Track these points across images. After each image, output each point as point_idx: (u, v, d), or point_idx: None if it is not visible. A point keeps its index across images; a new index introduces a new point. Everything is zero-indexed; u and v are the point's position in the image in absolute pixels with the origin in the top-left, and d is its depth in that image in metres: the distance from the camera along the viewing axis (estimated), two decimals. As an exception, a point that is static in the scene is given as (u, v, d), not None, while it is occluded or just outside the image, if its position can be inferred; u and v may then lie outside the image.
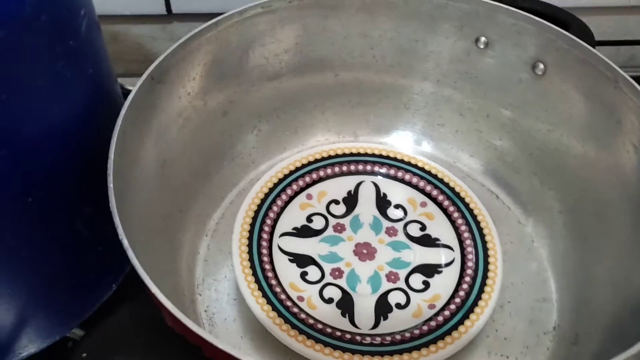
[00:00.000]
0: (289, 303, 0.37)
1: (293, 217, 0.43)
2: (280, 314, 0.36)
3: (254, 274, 0.38)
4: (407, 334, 0.36)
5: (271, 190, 0.43)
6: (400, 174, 0.45)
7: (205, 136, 0.42)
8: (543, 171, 0.44)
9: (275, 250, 0.40)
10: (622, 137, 0.37)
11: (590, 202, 0.40)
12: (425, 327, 0.36)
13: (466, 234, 0.41)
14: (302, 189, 0.44)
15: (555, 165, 0.43)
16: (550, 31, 0.39)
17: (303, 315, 0.36)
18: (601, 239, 0.38)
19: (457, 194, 0.43)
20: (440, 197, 0.43)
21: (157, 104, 0.36)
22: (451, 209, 0.43)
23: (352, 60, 0.46)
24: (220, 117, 0.43)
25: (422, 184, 0.44)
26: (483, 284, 0.38)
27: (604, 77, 0.37)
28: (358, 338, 0.36)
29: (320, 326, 0.36)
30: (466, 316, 0.36)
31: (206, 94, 0.41)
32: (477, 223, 0.42)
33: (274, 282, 0.38)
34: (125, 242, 0.26)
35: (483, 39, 0.42)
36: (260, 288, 0.37)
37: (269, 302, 0.37)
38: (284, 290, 0.38)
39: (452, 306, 0.37)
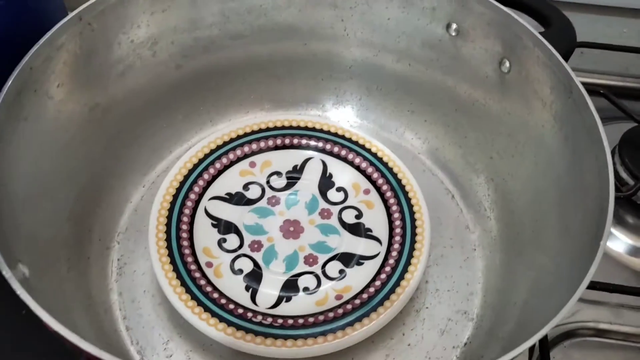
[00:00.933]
0: (193, 267, 0.36)
1: (230, 182, 0.42)
2: (179, 276, 0.35)
3: (167, 231, 0.37)
4: (300, 320, 0.35)
5: (213, 151, 0.42)
6: (351, 155, 0.43)
7: (153, 87, 0.41)
8: (499, 177, 0.40)
9: (200, 212, 0.40)
10: (567, 149, 0.33)
11: (532, 220, 0.36)
12: (321, 317, 0.35)
13: (398, 230, 0.39)
14: (246, 155, 0.43)
15: (510, 173, 0.39)
16: (517, 26, 0.35)
17: (203, 282, 0.36)
18: (530, 260, 0.35)
19: (403, 187, 0.41)
20: (385, 187, 0.41)
21: (86, 47, 0.35)
22: (392, 201, 0.40)
23: (322, 31, 0.44)
24: (174, 70, 0.42)
25: (370, 170, 0.42)
26: (396, 284, 0.36)
27: (562, 85, 0.33)
28: (249, 314, 0.35)
29: (215, 295, 0.35)
30: (367, 314, 0.35)
31: (155, 44, 0.40)
32: (414, 221, 0.39)
33: (185, 243, 0.37)
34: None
35: (454, 25, 0.39)
36: (169, 247, 0.37)
37: (172, 261, 0.36)
38: (193, 253, 0.37)
39: (357, 301, 0.36)
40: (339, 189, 0.42)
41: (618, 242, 0.45)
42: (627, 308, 0.41)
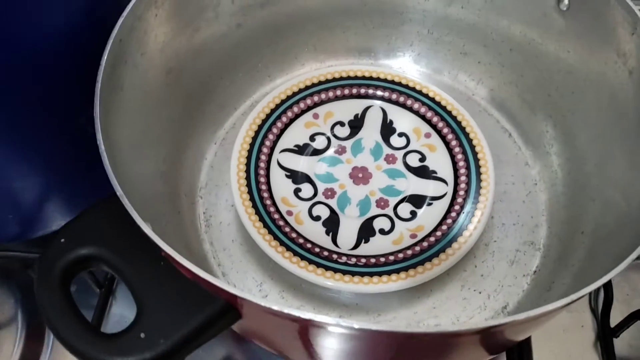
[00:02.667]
0: (276, 216, 0.39)
1: (297, 134, 0.44)
2: (265, 225, 0.38)
3: (248, 184, 0.40)
4: (382, 259, 0.37)
5: (278, 106, 0.44)
6: (409, 102, 0.44)
7: (217, 47, 0.43)
8: (558, 114, 0.42)
9: (273, 164, 0.42)
10: (632, 89, 0.34)
11: (595, 154, 0.38)
12: (400, 255, 0.38)
13: (463, 170, 0.41)
14: (309, 108, 0.45)
15: (569, 109, 0.41)
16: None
17: (287, 229, 0.39)
18: (595, 192, 0.37)
19: (463, 129, 0.43)
20: (445, 130, 0.43)
21: (161, 14, 0.37)
22: (453, 143, 0.42)
23: (375, -21, 0.44)
24: (235, 29, 0.43)
25: (429, 114, 0.44)
26: (467, 221, 0.39)
27: (625, 21, 0.34)
28: (334, 256, 0.37)
29: (301, 240, 0.38)
30: (442, 250, 0.37)
31: (218, 6, 0.41)
32: (477, 161, 0.41)
33: (266, 194, 0.40)
34: (102, 147, 0.28)
35: (510, -35, 0.40)
36: (252, 199, 0.39)
37: (257, 212, 0.39)
38: (274, 204, 0.40)
39: (432, 238, 0.38)
40: (400, 135, 0.44)
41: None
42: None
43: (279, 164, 0.42)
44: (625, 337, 0.40)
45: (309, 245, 0.38)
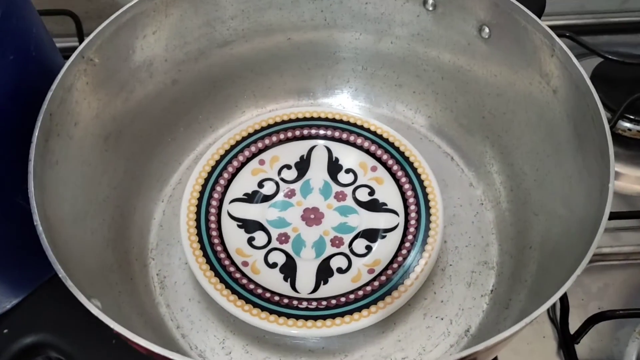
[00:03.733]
0: (232, 269, 0.39)
1: (244, 182, 0.44)
2: (222, 280, 0.38)
3: (200, 240, 0.40)
4: (342, 299, 0.37)
5: (223, 157, 0.44)
6: (352, 137, 0.45)
7: (155, 106, 0.43)
8: (494, 135, 0.43)
9: (224, 216, 0.42)
10: (557, 106, 0.36)
11: (532, 169, 0.40)
12: (360, 292, 0.38)
13: (412, 199, 0.42)
14: (254, 155, 0.45)
15: (503, 129, 0.42)
16: (492, -7, 0.37)
17: (245, 281, 0.38)
18: (537, 206, 0.39)
19: (407, 159, 0.44)
20: (390, 162, 0.44)
21: (92, 81, 0.36)
22: (399, 173, 0.43)
23: (303, 24, 0.45)
24: (171, 86, 0.43)
25: (373, 148, 0.45)
26: (422, 249, 0.39)
27: (543, 44, 0.36)
28: (295, 302, 0.37)
29: (260, 291, 0.38)
30: (400, 281, 0.38)
31: (151, 65, 0.41)
32: (424, 188, 0.42)
33: (219, 248, 0.40)
34: (39, 228, 0.27)
35: (430, 0, 0.41)
36: (205, 255, 0.39)
37: (212, 267, 0.38)
38: (228, 256, 0.39)
39: (389, 271, 0.39)
40: (347, 171, 0.44)
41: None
42: (623, 230, 0.46)
43: (229, 214, 0.42)
44: (585, 342, 0.41)
45: (268, 295, 0.38)
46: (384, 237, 0.41)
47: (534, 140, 0.39)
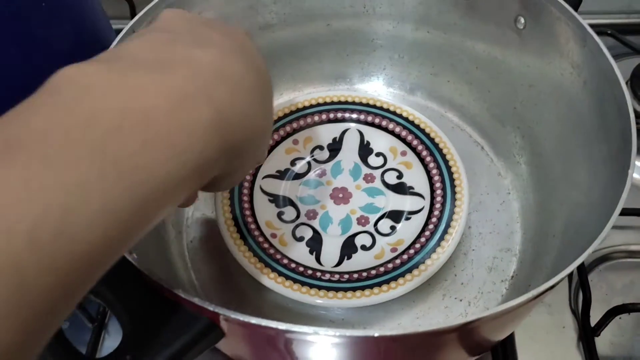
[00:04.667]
0: (261, 239, 0.40)
1: (278, 160, 0.45)
2: (250, 248, 0.40)
3: (232, 211, 0.41)
4: (364, 273, 0.39)
5: None
6: (384, 122, 0.46)
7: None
8: (525, 125, 0.44)
9: (256, 190, 0.44)
10: (587, 97, 0.36)
11: (560, 160, 0.40)
12: (382, 268, 0.39)
13: (438, 184, 0.43)
14: (288, 134, 0.46)
15: (534, 120, 0.43)
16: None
17: (272, 251, 0.40)
18: (563, 196, 0.39)
19: (437, 145, 0.44)
20: (420, 147, 0.45)
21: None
22: (428, 159, 0.44)
23: (343, 11, 0.47)
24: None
25: (404, 133, 0.46)
26: (444, 232, 0.40)
27: (576, 36, 0.36)
28: (319, 274, 0.39)
29: (285, 261, 0.39)
30: (422, 261, 0.39)
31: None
32: (451, 174, 0.43)
33: (250, 219, 0.42)
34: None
35: (468, -11, 0.42)
36: (237, 224, 0.41)
37: (242, 237, 0.40)
38: (258, 228, 0.41)
39: (412, 250, 0.40)
40: (377, 154, 0.46)
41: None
42: (653, 229, 0.45)
43: (262, 189, 0.44)
44: (606, 335, 0.41)
45: (293, 265, 0.39)
46: (408, 218, 0.42)
47: (563, 131, 0.40)
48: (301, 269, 0.39)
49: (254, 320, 0.25)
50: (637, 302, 0.40)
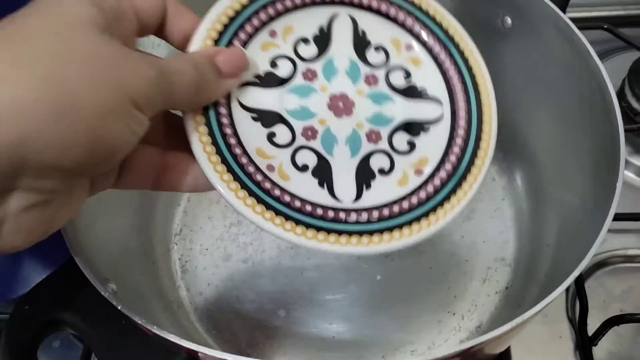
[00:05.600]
0: (259, 177, 0.29)
1: (254, 60, 0.31)
2: (250, 192, 0.28)
3: (214, 142, 0.28)
4: (396, 209, 0.30)
5: (226, 26, 0.31)
6: (384, 6, 0.34)
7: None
8: (515, 128, 0.43)
9: (234, 105, 0.30)
10: (578, 98, 0.36)
11: (551, 164, 0.39)
12: (414, 200, 0.30)
13: (459, 86, 0.33)
14: (263, 24, 0.32)
15: (525, 122, 0.42)
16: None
17: (277, 192, 0.29)
18: (557, 202, 0.38)
19: (452, 39, 0.34)
20: (430, 40, 0.34)
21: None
22: (442, 55, 0.34)
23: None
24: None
25: (409, 21, 0.34)
26: (476, 146, 0.32)
27: (563, 36, 0.35)
28: (342, 215, 0.29)
29: (298, 204, 0.29)
30: (459, 184, 0.31)
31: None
32: (472, 76, 0.33)
33: (238, 150, 0.29)
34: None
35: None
36: (224, 161, 0.28)
37: (237, 178, 0.28)
38: (250, 160, 0.29)
39: (443, 173, 0.31)
40: (377, 48, 0.34)
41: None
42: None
43: (240, 103, 0.30)
44: (603, 344, 0.40)
45: (308, 208, 0.29)
46: (426, 129, 0.33)
47: (554, 132, 0.39)
48: (319, 211, 0.29)
49: (231, 357, 0.24)
50: (635, 312, 0.39)
